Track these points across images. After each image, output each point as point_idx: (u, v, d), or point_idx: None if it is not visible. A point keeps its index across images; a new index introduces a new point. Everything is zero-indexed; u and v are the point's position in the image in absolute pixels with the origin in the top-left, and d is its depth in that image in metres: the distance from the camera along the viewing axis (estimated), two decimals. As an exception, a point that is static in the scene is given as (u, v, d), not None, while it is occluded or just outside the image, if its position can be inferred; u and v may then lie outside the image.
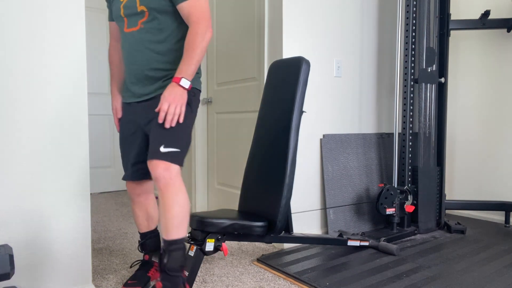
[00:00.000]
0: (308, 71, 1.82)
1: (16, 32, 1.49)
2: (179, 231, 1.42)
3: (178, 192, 1.41)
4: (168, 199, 1.40)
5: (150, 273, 1.79)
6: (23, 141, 1.52)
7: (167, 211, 1.41)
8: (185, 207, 1.42)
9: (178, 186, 1.41)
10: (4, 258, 1.27)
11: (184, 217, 1.43)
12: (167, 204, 1.40)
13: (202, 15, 1.45)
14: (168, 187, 1.40)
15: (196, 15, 1.45)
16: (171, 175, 1.40)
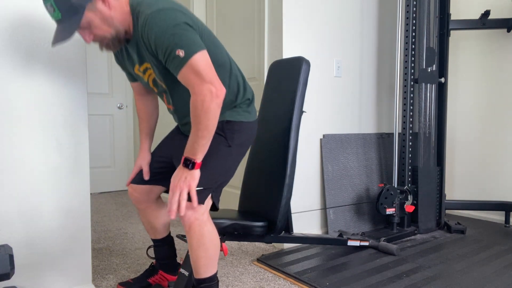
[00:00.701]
0: (308, 71, 1.82)
1: (15, 32, 1.49)
2: (207, 270, 1.38)
3: (204, 233, 1.33)
4: (192, 240, 1.34)
5: (151, 280, 1.77)
6: (23, 141, 1.52)
7: (192, 252, 1.36)
8: (210, 249, 1.36)
9: (202, 226, 1.33)
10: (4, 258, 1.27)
11: (211, 257, 1.38)
12: (192, 245, 1.35)
13: (197, 80, 1.22)
14: (191, 227, 1.32)
15: (191, 83, 1.23)
16: (196, 215, 1.31)
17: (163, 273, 1.78)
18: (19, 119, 1.51)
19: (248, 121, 1.48)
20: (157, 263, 1.79)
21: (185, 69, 1.22)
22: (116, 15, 1.29)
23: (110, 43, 1.33)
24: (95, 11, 1.25)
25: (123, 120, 4.34)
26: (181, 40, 1.21)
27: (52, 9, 1.21)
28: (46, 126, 1.56)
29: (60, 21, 1.23)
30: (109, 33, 1.30)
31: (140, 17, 1.27)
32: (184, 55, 1.21)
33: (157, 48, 1.25)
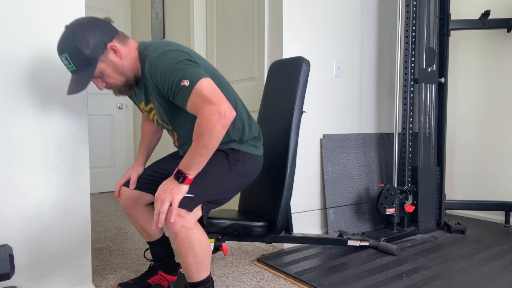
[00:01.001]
0: (308, 71, 1.82)
1: (16, 32, 1.49)
2: (199, 274, 1.37)
3: (191, 240, 1.30)
4: (180, 248, 1.31)
5: (151, 280, 1.77)
6: (23, 141, 1.52)
7: (182, 259, 1.35)
8: (200, 255, 1.33)
9: (190, 234, 1.29)
10: (4, 258, 1.27)
11: (202, 262, 1.35)
12: (181, 253, 1.33)
13: (205, 103, 1.22)
14: (178, 235, 1.29)
15: (199, 107, 1.24)
16: (182, 222, 1.27)
17: (163, 274, 1.78)
18: (19, 119, 1.51)
19: (254, 154, 1.51)
20: (156, 264, 1.79)
21: (192, 97, 1.24)
22: (127, 63, 1.37)
23: (122, 89, 1.41)
24: (107, 61, 1.32)
25: (123, 120, 4.34)
26: (184, 72, 1.25)
27: (67, 62, 1.29)
28: (46, 126, 1.56)
29: (74, 72, 1.31)
30: (120, 81, 1.37)
31: (146, 60, 1.33)
32: (189, 84, 1.23)
33: (163, 85, 1.28)
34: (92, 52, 1.28)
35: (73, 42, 1.27)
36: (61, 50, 1.29)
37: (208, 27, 3.20)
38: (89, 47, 1.27)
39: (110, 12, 4.19)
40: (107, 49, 1.31)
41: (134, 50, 1.39)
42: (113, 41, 1.33)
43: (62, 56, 1.29)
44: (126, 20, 4.32)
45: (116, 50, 1.33)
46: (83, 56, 1.27)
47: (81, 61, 1.28)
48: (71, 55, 1.27)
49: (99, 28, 1.30)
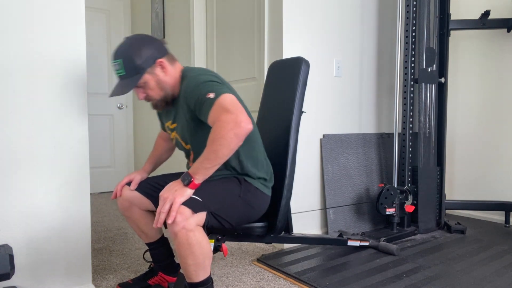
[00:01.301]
0: (308, 71, 1.82)
1: (16, 32, 1.49)
2: (198, 275, 1.36)
3: (191, 242, 1.29)
4: (180, 249, 1.31)
5: (151, 281, 1.77)
6: (23, 141, 1.52)
7: (181, 260, 1.34)
8: (200, 257, 1.33)
9: (190, 235, 1.29)
10: (4, 258, 1.27)
11: (201, 264, 1.35)
12: (180, 254, 1.32)
13: (223, 112, 1.28)
14: (177, 236, 1.28)
15: (216, 116, 1.30)
16: (183, 224, 1.27)
17: (163, 275, 1.77)
18: (19, 119, 1.51)
19: (263, 192, 1.56)
20: (156, 265, 1.78)
21: (213, 107, 1.31)
22: (170, 80, 1.48)
23: (158, 103, 1.52)
24: (153, 74, 1.45)
25: (123, 120, 4.34)
26: (212, 87, 1.36)
27: (119, 67, 1.42)
28: (46, 126, 1.57)
29: (122, 77, 1.44)
30: (159, 95, 1.49)
31: (184, 80, 1.46)
32: (214, 96, 1.33)
33: (193, 99, 1.39)
34: (143, 63, 1.41)
35: (129, 51, 1.41)
36: (116, 56, 1.43)
37: (208, 27, 3.20)
38: (141, 58, 1.41)
39: (110, 12, 4.20)
40: (156, 64, 1.44)
41: (178, 71, 1.51)
42: (162, 58, 1.46)
43: (116, 61, 1.42)
44: (126, 20, 4.32)
45: (163, 67, 1.46)
46: (134, 64, 1.40)
47: (131, 69, 1.41)
48: (124, 62, 1.41)
49: (154, 44, 1.45)
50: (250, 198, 1.52)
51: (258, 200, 1.55)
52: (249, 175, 1.54)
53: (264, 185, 1.58)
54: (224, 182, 1.47)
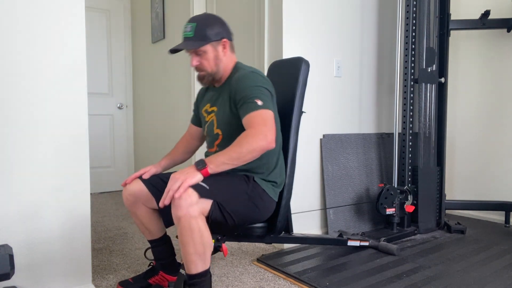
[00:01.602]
0: (308, 71, 1.82)
1: (16, 32, 1.49)
2: (197, 266, 1.38)
3: (193, 228, 1.32)
4: (182, 234, 1.33)
5: (152, 280, 1.76)
6: (23, 141, 1.52)
7: (182, 247, 1.36)
8: (200, 246, 1.35)
9: (192, 221, 1.32)
10: (4, 258, 1.27)
11: (201, 254, 1.37)
12: (182, 240, 1.34)
13: (261, 123, 1.40)
14: (180, 220, 1.31)
15: (255, 123, 1.41)
16: (188, 209, 1.31)
17: (163, 274, 1.77)
18: (19, 119, 1.51)
19: (270, 195, 1.60)
20: (157, 264, 1.78)
21: (255, 113, 1.43)
22: (225, 62, 1.61)
23: (206, 77, 1.61)
24: (214, 48, 1.57)
25: (123, 120, 4.34)
26: (265, 96, 1.48)
27: (190, 29, 1.55)
28: (46, 126, 1.57)
29: (188, 39, 1.55)
30: (211, 69, 1.59)
31: (238, 72, 1.57)
32: (261, 104, 1.44)
33: (241, 92, 1.49)
34: (211, 34, 1.55)
35: (205, 20, 1.56)
36: (192, 20, 1.56)
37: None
38: (212, 30, 1.55)
39: (110, 12, 4.20)
40: (221, 41, 1.58)
41: (233, 61, 1.65)
42: (228, 40, 1.60)
43: (190, 24, 1.55)
44: (126, 20, 4.32)
45: (225, 47, 1.60)
46: (204, 32, 1.54)
47: (200, 35, 1.54)
48: (197, 26, 1.54)
49: (225, 27, 1.60)
50: (256, 198, 1.54)
51: (264, 202, 1.57)
52: (259, 176, 1.58)
53: (273, 189, 1.61)
54: (232, 177, 1.50)
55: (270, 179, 1.61)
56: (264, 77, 1.56)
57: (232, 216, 1.47)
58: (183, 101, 3.43)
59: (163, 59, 3.76)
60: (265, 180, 1.59)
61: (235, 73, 1.59)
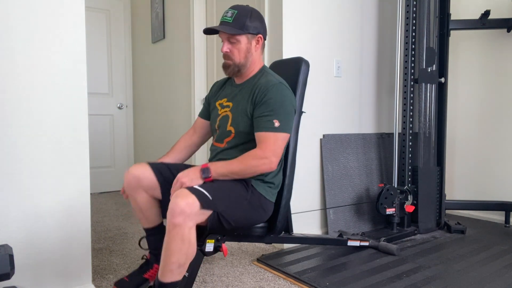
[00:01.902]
0: (307, 71, 1.82)
1: (16, 32, 1.49)
2: (173, 276, 1.37)
3: (184, 239, 1.32)
4: (170, 243, 1.32)
5: (148, 275, 1.72)
6: (23, 141, 1.52)
7: (166, 254, 1.35)
8: (183, 258, 1.35)
9: (186, 233, 1.31)
10: (4, 258, 1.27)
11: (182, 265, 1.37)
12: (168, 248, 1.33)
13: (270, 147, 1.47)
14: (175, 228, 1.30)
15: (265, 144, 1.48)
16: (186, 219, 1.30)
17: (158, 267, 1.74)
18: (19, 119, 1.51)
19: (266, 197, 1.60)
20: (151, 257, 1.73)
21: (270, 134, 1.48)
22: (254, 58, 1.62)
23: (231, 67, 1.60)
24: (249, 40, 1.58)
25: (123, 120, 4.34)
26: (285, 117, 1.51)
27: (231, 15, 1.55)
28: (46, 126, 1.57)
29: (226, 24, 1.55)
30: (239, 60, 1.59)
31: (265, 77, 1.59)
32: (277, 126, 1.48)
33: (264, 102, 1.51)
34: (250, 26, 1.55)
35: (247, 12, 1.56)
36: (235, 7, 1.57)
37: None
38: (251, 22, 1.56)
39: (110, 12, 4.20)
40: (256, 36, 1.59)
41: (261, 62, 1.68)
42: (263, 37, 1.62)
43: (231, 10, 1.56)
44: (126, 20, 4.32)
45: (258, 44, 1.61)
46: (243, 21, 1.54)
47: (239, 22, 1.54)
48: (238, 14, 1.54)
49: (264, 25, 1.62)
50: (256, 203, 1.56)
51: (262, 206, 1.59)
52: (258, 178, 1.58)
53: (270, 191, 1.62)
54: (232, 183, 1.50)
55: (268, 180, 1.61)
56: (289, 89, 1.58)
57: (230, 222, 1.48)
58: (183, 101, 3.43)
59: (163, 59, 3.76)
60: (263, 182, 1.59)
61: (261, 76, 1.60)
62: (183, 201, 1.30)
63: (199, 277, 1.92)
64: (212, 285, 1.83)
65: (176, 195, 1.33)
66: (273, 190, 1.64)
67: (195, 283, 1.85)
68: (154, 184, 1.61)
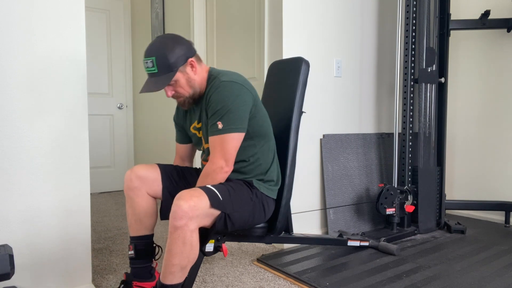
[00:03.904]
0: (308, 71, 1.82)
1: (16, 32, 1.49)
2: (174, 278, 1.37)
3: (186, 242, 1.31)
4: (172, 245, 1.32)
5: None
6: (24, 141, 1.52)
7: (168, 256, 1.34)
8: (185, 261, 1.34)
9: (188, 236, 1.31)
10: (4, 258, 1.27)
11: (183, 268, 1.36)
12: (170, 250, 1.33)
13: (218, 153, 1.44)
14: (176, 230, 1.30)
15: (214, 152, 1.46)
16: (188, 222, 1.30)
17: (138, 283, 1.59)
18: (20, 119, 1.51)
19: (268, 195, 1.60)
20: (130, 271, 1.62)
21: (215, 138, 1.45)
22: (198, 79, 1.53)
23: (186, 101, 1.55)
24: (184, 72, 1.49)
25: (123, 120, 4.34)
26: (228, 116, 1.44)
27: (152, 64, 1.45)
28: (46, 126, 1.57)
29: (154, 75, 1.46)
30: (188, 92, 1.52)
31: (214, 81, 1.50)
32: (221, 128, 1.43)
33: (209, 109, 1.47)
34: (175, 61, 1.45)
35: (163, 49, 1.44)
36: (150, 53, 1.45)
37: (208, 27, 3.20)
38: (174, 57, 1.45)
39: (110, 12, 4.19)
40: (187, 63, 1.49)
41: (205, 71, 1.57)
42: (193, 58, 1.51)
43: (149, 59, 1.45)
44: (126, 20, 4.32)
45: (193, 66, 1.51)
46: (167, 62, 1.44)
47: (164, 67, 1.44)
48: (157, 59, 1.44)
49: (185, 44, 1.50)
50: (259, 203, 1.56)
51: (266, 205, 1.59)
52: (257, 178, 1.58)
53: (271, 190, 1.62)
54: (238, 185, 1.51)
55: (268, 178, 1.61)
56: (237, 83, 1.48)
57: (235, 225, 1.48)
58: (183, 101, 3.43)
59: (163, 59, 3.75)
60: (263, 181, 1.60)
61: (210, 87, 1.52)
62: (186, 204, 1.30)
63: (199, 277, 1.92)
64: (212, 285, 1.83)
65: (179, 197, 1.32)
66: (274, 187, 1.64)
67: (195, 283, 1.85)
68: (157, 180, 1.60)
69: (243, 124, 1.47)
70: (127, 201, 1.61)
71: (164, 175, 1.62)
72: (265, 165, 1.60)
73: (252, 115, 1.52)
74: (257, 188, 1.57)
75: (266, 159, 1.61)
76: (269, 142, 1.63)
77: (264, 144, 1.60)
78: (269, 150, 1.62)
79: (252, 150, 1.57)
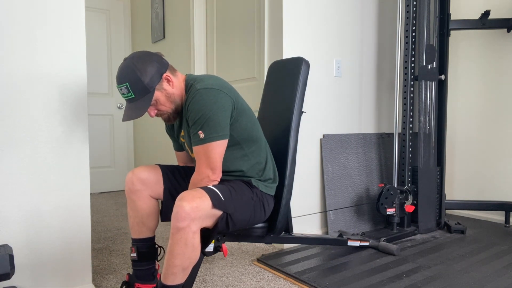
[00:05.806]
0: (308, 71, 1.82)
1: (16, 32, 1.49)
2: (175, 279, 1.36)
3: (188, 243, 1.31)
4: (174, 246, 1.31)
5: None
6: (24, 141, 1.52)
7: (170, 257, 1.34)
8: (186, 262, 1.34)
9: (190, 237, 1.31)
10: (4, 258, 1.27)
11: (185, 268, 1.36)
12: (172, 251, 1.32)
13: (204, 163, 1.42)
14: (179, 232, 1.29)
15: (199, 162, 1.43)
16: (190, 223, 1.29)
17: (140, 285, 1.60)
18: (20, 119, 1.51)
19: (267, 193, 1.60)
20: (133, 273, 1.62)
21: (199, 147, 1.41)
22: (177, 92, 1.48)
23: (171, 116, 1.51)
24: (161, 90, 1.44)
25: (123, 120, 4.34)
26: (208, 124, 1.39)
27: (127, 90, 1.40)
28: (46, 126, 1.57)
29: (132, 100, 1.42)
30: (170, 108, 1.48)
31: (191, 90, 1.44)
32: (203, 137, 1.40)
33: (190, 121, 1.43)
34: (150, 81, 1.40)
35: (134, 72, 1.38)
36: (121, 80, 1.40)
37: (208, 27, 3.20)
38: (148, 77, 1.39)
39: (110, 12, 4.20)
40: (162, 79, 1.43)
41: (182, 81, 1.51)
42: (167, 72, 1.45)
43: (123, 86, 1.40)
44: (126, 20, 4.32)
45: (170, 80, 1.45)
46: (142, 85, 1.39)
47: (140, 90, 1.40)
48: (131, 84, 1.39)
49: (154, 60, 1.43)
50: (260, 202, 1.56)
51: (266, 203, 1.59)
52: (255, 178, 1.58)
53: (269, 187, 1.62)
54: (238, 184, 1.50)
55: (265, 177, 1.60)
56: (212, 88, 1.42)
57: (237, 225, 1.48)
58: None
59: (163, 59, 3.76)
60: (261, 181, 1.59)
61: (187, 92, 1.48)
62: (188, 205, 1.29)
63: (199, 277, 1.92)
64: (212, 285, 1.83)
65: (181, 198, 1.31)
66: (271, 184, 1.63)
67: (195, 283, 1.85)
68: (159, 184, 1.59)
69: (225, 131, 1.43)
70: (129, 203, 1.60)
71: (166, 176, 1.62)
72: (260, 166, 1.59)
73: (233, 119, 1.47)
74: (257, 187, 1.56)
75: (260, 159, 1.59)
76: (257, 144, 1.59)
77: (253, 146, 1.57)
78: (260, 151, 1.59)
79: (242, 158, 1.55)
